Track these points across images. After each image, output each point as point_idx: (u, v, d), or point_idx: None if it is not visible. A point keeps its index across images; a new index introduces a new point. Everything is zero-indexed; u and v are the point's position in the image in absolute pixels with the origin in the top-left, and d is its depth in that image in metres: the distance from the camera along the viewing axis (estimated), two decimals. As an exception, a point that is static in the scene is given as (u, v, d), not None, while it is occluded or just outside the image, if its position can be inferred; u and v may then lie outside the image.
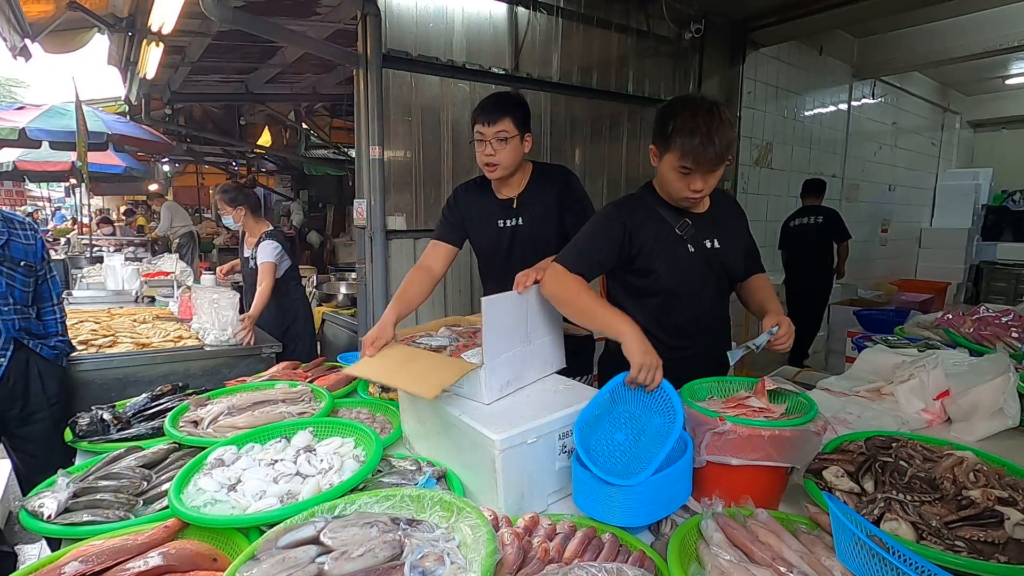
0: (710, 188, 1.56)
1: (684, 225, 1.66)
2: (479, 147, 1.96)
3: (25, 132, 5.39)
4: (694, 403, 1.32)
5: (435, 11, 3.36)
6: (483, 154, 1.95)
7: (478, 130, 1.94)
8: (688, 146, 1.46)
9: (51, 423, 2.18)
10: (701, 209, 1.70)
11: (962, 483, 1.19)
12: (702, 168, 1.49)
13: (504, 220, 2.08)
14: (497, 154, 1.93)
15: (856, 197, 7.18)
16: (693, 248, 1.67)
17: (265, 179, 12.93)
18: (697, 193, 1.55)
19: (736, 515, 1.09)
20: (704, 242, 1.68)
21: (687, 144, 1.46)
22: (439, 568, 0.92)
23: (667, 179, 1.58)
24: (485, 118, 1.92)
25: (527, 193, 2.06)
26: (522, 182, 2.06)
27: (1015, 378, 1.66)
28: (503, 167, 1.96)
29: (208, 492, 1.25)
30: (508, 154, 1.94)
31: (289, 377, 2.13)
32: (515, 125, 1.92)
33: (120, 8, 3.74)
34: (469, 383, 1.40)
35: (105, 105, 6.89)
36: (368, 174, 3.20)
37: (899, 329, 2.68)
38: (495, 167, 1.96)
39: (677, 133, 1.48)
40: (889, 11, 4.96)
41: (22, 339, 2.16)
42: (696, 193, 1.55)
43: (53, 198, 19.46)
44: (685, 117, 1.47)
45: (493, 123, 1.90)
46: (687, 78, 4.79)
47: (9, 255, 2.13)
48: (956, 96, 8.91)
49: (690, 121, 1.46)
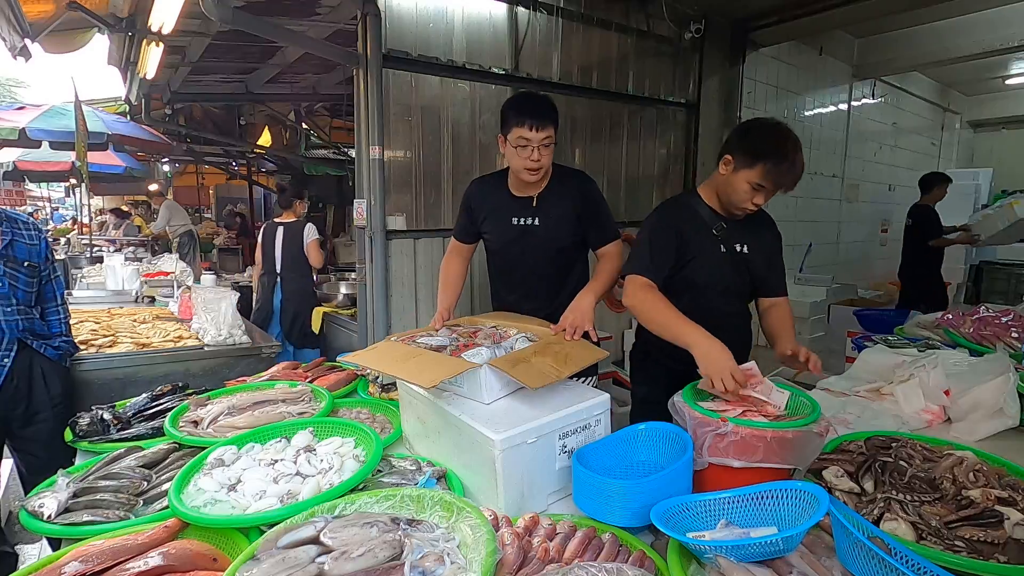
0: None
1: (720, 228, 1.82)
2: (521, 152, 1.92)
3: (25, 132, 5.38)
4: (696, 404, 1.32)
5: (435, 11, 3.36)
6: (527, 159, 1.92)
7: (523, 135, 1.89)
8: (775, 170, 1.63)
9: (54, 423, 2.16)
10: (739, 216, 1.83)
11: (962, 483, 1.19)
12: (779, 189, 1.68)
13: (519, 218, 2.07)
14: (542, 159, 1.93)
15: (856, 197, 7.19)
16: (724, 249, 1.82)
17: (265, 179, 12.94)
18: (757, 206, 1.73)
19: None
20: (735, 245, 1.83)
21: (775, 168, 1.62)
22: (439, 568, 0.92)
23: (736, 189, 1.70)
24: (533, 123, 1.87)
25: (547, 194, 2.05)
26: (542, 183, 2.05)
27: (1015, 378, 1.66)
28: (544, 169, 1.98)
29: (208, 492, 1.25)
30: (549, 158, 1.96)
31: (289, 377, 2.13)
32: (556, 130, 1.93)
33: (120, 8, 3.74)
34: (469, 383, 1.40)
35: (105, 105, 6.88)
36: (368, 174, 3.20)
37: (899, 329, 2.68)
38: (538, 171, 1.96)
39: (766, 156, 1.62)
40: (889, 11, 4.96)
41: (26, 340, 2.15)
42: (756, 206, 1.72)
43: (53, 198, 19.45)
44: (777, 142, 1.64)
45: (542, 128, 1.88)
46: (687, 78, 4.79)
47: (12, 255, 2.12)
48: (956, 96, 8.91)
49: (781, 147, 1.63)
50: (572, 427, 1.33)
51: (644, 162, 4.63)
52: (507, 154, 1.98)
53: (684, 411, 1.30)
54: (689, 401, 1.32)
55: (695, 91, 4.85)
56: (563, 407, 1.33)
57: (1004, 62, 7.10)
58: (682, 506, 1.10)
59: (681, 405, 1.32)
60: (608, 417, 1.41)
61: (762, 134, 1.67)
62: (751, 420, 1.23)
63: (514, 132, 1.91)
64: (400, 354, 1.54)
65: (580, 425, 1.34)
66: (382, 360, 1.55)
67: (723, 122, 5.08)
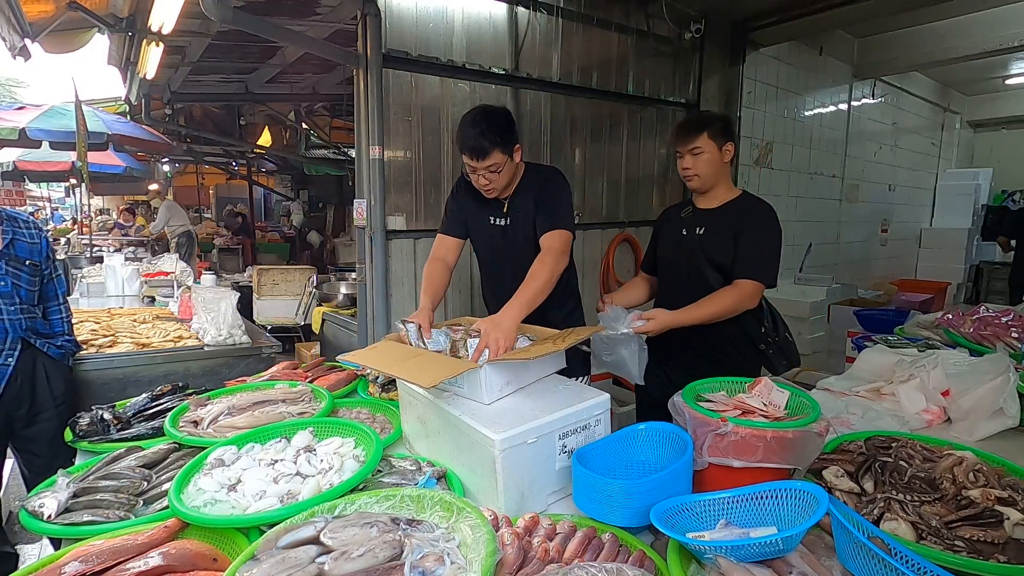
0: (697, 169, 1.94)
1: (688, 212, 2.06)
2: (472, 175, 1.93)
3: (25, 132, 5.38)
4: (697, 404, 1.31)
5: (435, 11, 3.36)
6: (476, 183, 1.94)
7: (467, 162, 1.89)
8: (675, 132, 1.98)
9: (57, 423, 2.16)
10: (711, 204, 2.01)
11: (962, 483, 1.19)
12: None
13: (495, 218, 2.09)
14: (492, 183, 1.93)
15: (856, 197, 7.18)
16: (686, 232, 2.03)
17: (265, 179, 12.94)
18: (685, 171, 1.96)
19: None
20: (695, 229, 2.01)
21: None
22: (439, 568, 0.92)
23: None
24: (472, 153, 1.85)
25: (516, 196, 2.06)
26: (513, 185, 2.05)
27: (1015, 378, 1.66)
28: (499, 189, 1.97)
29: (208, 492, 1.25)
30: (503, 178, 1.94)
31: (289, 377, 2.13)
32: (504, 152, 1.87)
33: (120, 8, 3.74)
34: (469, 383, 1.40)
35: (105, 105, 6.88)
36: (368, 174, 3.20)
37: (899, 329, 2.68)
38: (491, 191, 1.97)
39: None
40: (889, 11, 4.95)
41: (29, 339, 2.15)
42: (684, 171, 1.97)
43: (53, 198, 19.44)
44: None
45: (483, 158, 1.85)
46: (687, 78, 4.79)
47: (14, 254, 2.12)
48: (956, 96, 8.91)
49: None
50: (572, 427, 1.33)
51: (644, 162, 4.62)
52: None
53: (684, 411, 1.30)
54: (689, 401, 1.32)
55: (695, 91, 4.85)
56: (563, 407, 1.33)
57: (1004, 62, 7.09)
58: (682, 506, 1.10)
59: (681, 405, 1.32)
60: (608, 417, 1.41)
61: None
62: (751, 420, 1.23)
63: (463, 156, 1.91)
64: (400, 354, 1.54)
65: (580, 425, 1.34)
66: (382, 360, 1.55)
67: (723, 122, 5.08)
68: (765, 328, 2.01)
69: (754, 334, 2.00)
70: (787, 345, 2.06)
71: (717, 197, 2.01)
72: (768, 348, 2.02)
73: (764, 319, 2.02)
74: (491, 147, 1.83)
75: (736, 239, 1.90)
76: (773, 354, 2.03)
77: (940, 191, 8.94)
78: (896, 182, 7.97)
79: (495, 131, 1.84)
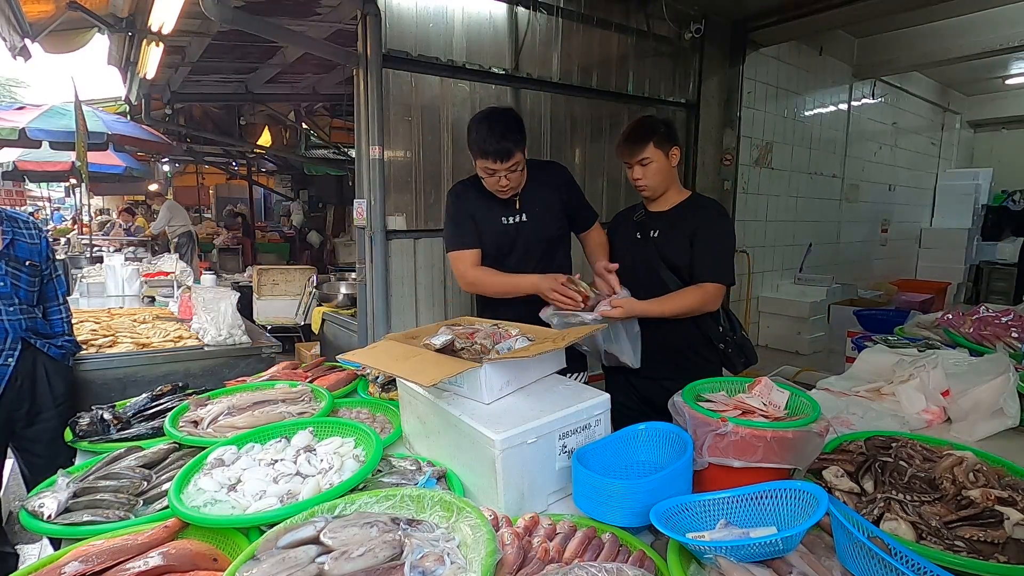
0: (647, 179, 1.96)
1: (640, 215, 2.11)
2: (489, 178, 1.94)
3: (25, 132, 5.39)
4: (697, 404, 1.31)
5: (435, 11, 3.36)
6: (496, 185, 1.94)
7: (487, 166, 1.89)
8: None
9: (57, 423, 2.16)
10: (663, 207, 2.05)
11: (962, 483, 1.19)
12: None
13: (508, 217, 2.09)
14: (512, 181, 1.94)
15: (856, 197, 7.19)
16: (640, 235, 2.07)
17: (265, 179, 12.94)
18: (636, 181, 1.99)
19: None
20: (650, 232, 2.04)
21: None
22: (439, 568, 0.92)
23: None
24: (496, 156, 1.86)
25: (527, 191, 2.07)
26: (520, 181, 2.06)
27: (1015, 378, 1.66)
28: (517, 187, 1.99)
29: (208, 492, 1.25)
30: (522, 175, 1.97)
31: (289, 377, 2.13)
32: (522, 150, 1.91)
33: (120, 8, 3.74)
34: (469, 383, 1.40)
35: (105, 105, 6.88)
36: (368, 174, 3.20)
37: (899, 329, 2.68)
38: (511, 190, 1.98)
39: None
40: (889, 11, 4.96)
41: (29, 339, 2.15)
42: (635, 181, 1.99)
43: (53, 198, 19.44)
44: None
45: (506, 159, 1.87)
46: (687, 78, 4.79)
47: (14, 254, 2.12)
48: (956, 96, 8.91)
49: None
50: (572, 427, 1.33)
51: (644, 162, 4.63)
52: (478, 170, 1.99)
53: (684, 411, 1.30)
54: (689, 401, 1.32)
55: (695, 91, 4.85)
56: (563, 407, 1.33)
57: (1004, 62, 7.09)
58: (682, 506, 1.10)
59: (681, 405, 1.32)
60: (608, 417, 1.40)
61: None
62: (751, 420, 1.23)
63: (479, 162, 1.91)
64: (400, 353, 1.54)
65: (580, 425, 1.34)
66: (381, 359, 1.55)
67: (723, 122, 5.09)
68: (723, 328, 2.05)
69: (713, 334, 2.04)
70: (744, 343, 2.11)
71: (668, 200, 2.05)
72: (727, 347, 2.06)
73: (720, 320, 2.06)
74: (515, 147, 1.87)
75: (692, 240, 1.95)
76: (732, 353, 2.07)
77: (940, 191, 8.94)
78: (896, 182, 7.97)
79: (514, 131, 1.90)
